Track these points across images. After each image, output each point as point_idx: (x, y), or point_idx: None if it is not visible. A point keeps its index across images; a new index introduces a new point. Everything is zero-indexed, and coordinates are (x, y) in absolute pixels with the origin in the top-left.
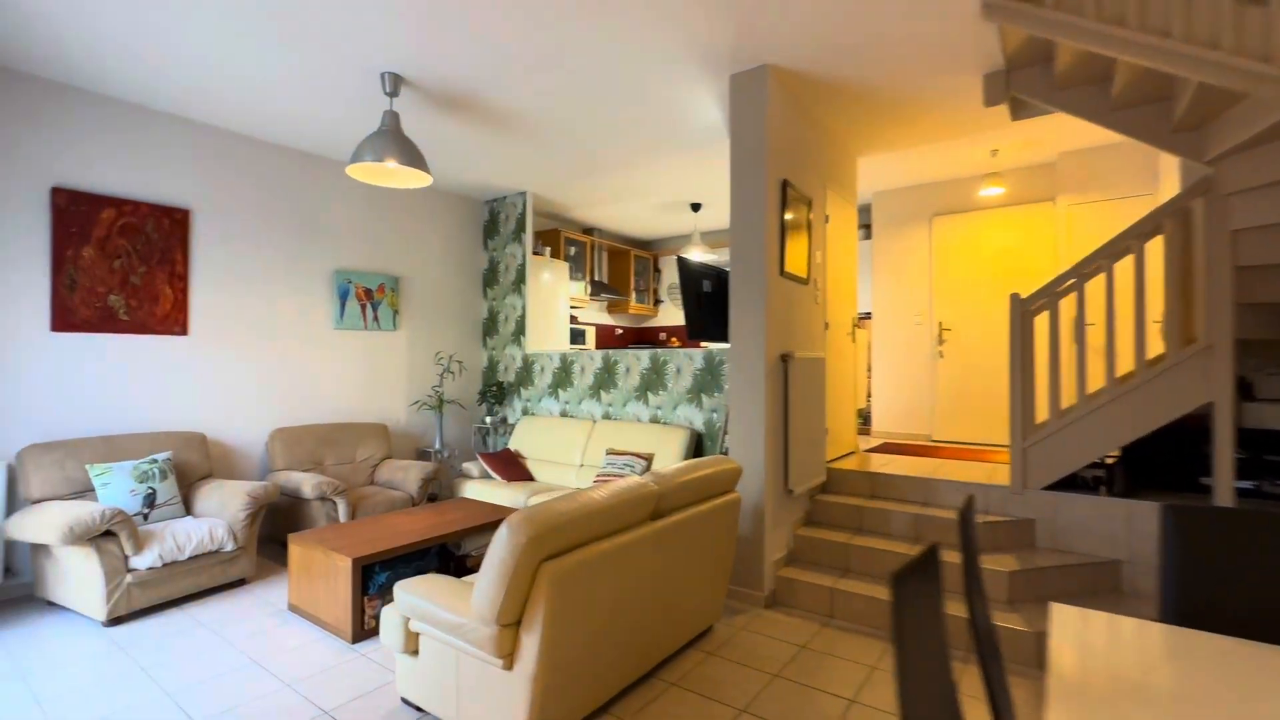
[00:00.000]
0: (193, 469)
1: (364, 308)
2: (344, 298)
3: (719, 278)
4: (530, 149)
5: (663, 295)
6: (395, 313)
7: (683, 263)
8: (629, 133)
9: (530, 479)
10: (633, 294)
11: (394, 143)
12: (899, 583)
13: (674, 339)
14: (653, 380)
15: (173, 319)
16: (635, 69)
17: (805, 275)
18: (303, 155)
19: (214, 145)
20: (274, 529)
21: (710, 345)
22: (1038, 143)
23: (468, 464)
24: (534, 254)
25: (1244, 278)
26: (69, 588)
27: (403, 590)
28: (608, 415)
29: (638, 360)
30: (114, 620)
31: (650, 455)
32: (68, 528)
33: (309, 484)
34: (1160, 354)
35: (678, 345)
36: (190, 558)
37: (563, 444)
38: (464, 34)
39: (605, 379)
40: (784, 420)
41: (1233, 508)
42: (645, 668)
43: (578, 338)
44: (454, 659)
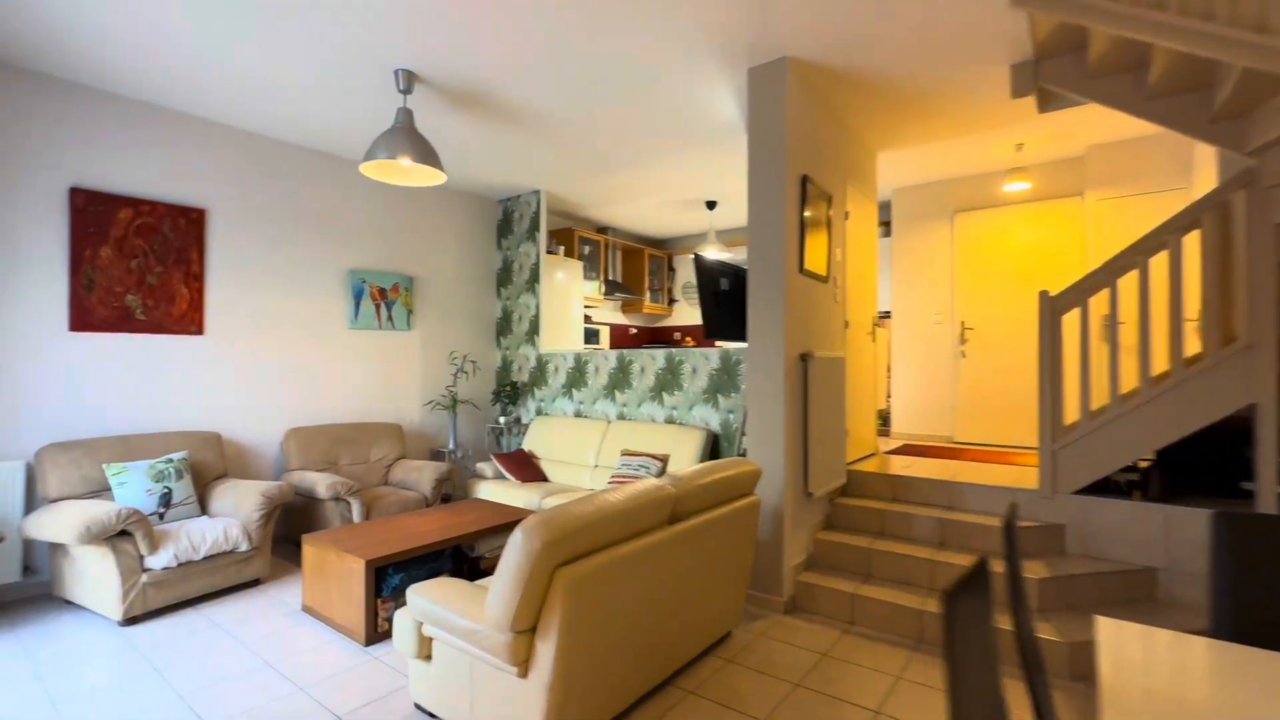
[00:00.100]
0: (208, 468)
1: (378, 307)
2: (358, 297)
3: (736, 276)
4: (544, 146)
5: (677, 295)
6: (409, 312)
7: (699, 261)
8: (645, 129)
9: (544, 480)
10: (647, 293)
11: (408, 140)
12: (951, 599)
13: (688, 339)
14: (668, 380)
15: (189, 319)
16: (652, 64)
17: (825, 273)
18: (317, 155)
19: (229, 145)
20: (289, 529)
21: (727, 345)
22: (1065, 136)
23: (481, 464)
24: (548, 253)
25: None
26: (85, 587)
27: (415, 594)
28: (622, 415)
29: (653, 360)
30: (129, 620)
31: (666, 456)
32: (84, 527)
33: (323, 484)
34: (1197, 353)
35: (692, 345)
36: (205, 558)
37: (577, 444)
38: (477, 30)
39: (620, 379)
40: (803, 421)
41: None
42: (662, 675)
43: (592, 337)
44: (468, 665)
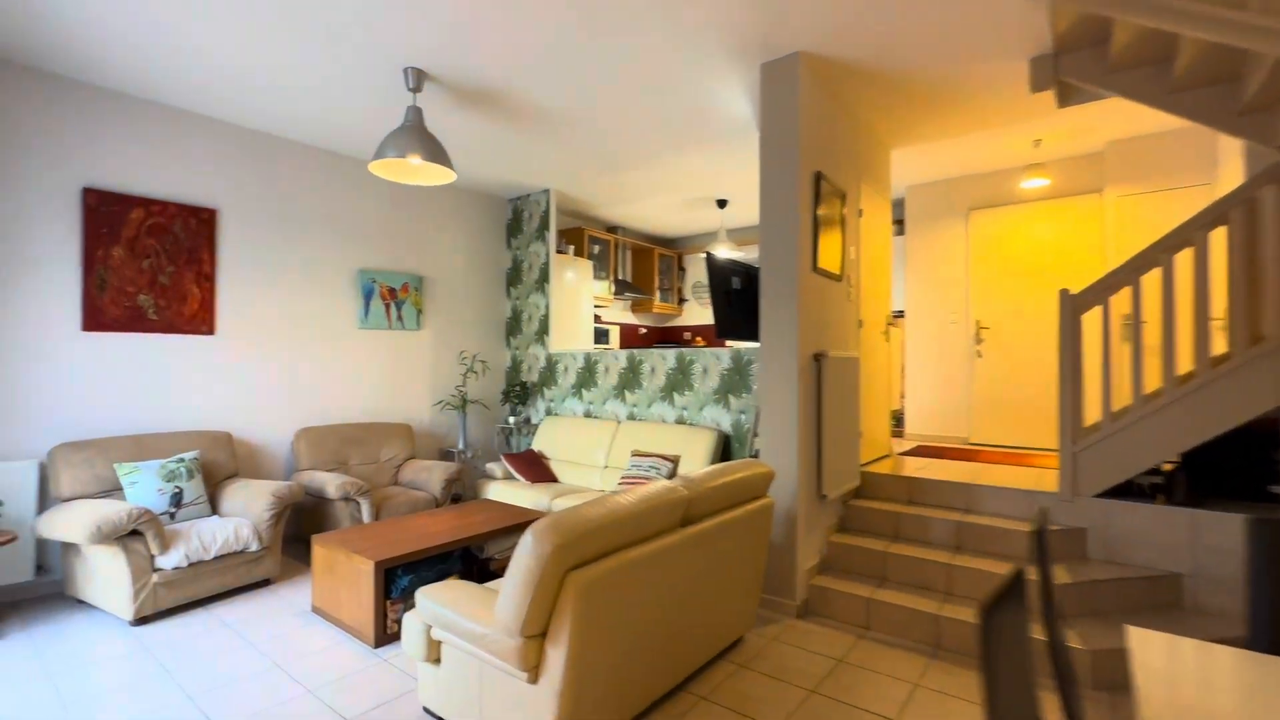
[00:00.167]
0: (219, 468)
1: (388, 307)
2: (368, 297)
3: (748, 275)
4: (554, 144)
5: (687, 294)
6: (419, 312)
7: (711, 259)
8: (655, 127)
9: (554, 480)
10: (657, 293)
11: (417, 138)
12: (989, 613)
13: (699, 338)
14: (679, 380)
15: (200, 318)
16: (662, 60)
17: (839, 272)
18: (327, 154)
19: (240, 145)
20: (299, 529)
21: (738, 344)
22: (1084, 131)
23: (491, 464)
24: (557, 252)
25: None
26: (97, 587)
27: (424, 597)
28: (632, 416)
29: (663, 360)
30: (140, 620)
31: (676, 457)
32: (95, 527)
33: (333, 484)
34: (1223, 353)
35: (703, 345)
36: (216, 557)
37: (587, 445)
38: (486, 28)
39: (630, 379)
40: (817, 422)
41: None
42: (674, 681)
43: (601, 337)
44: (477, 670)
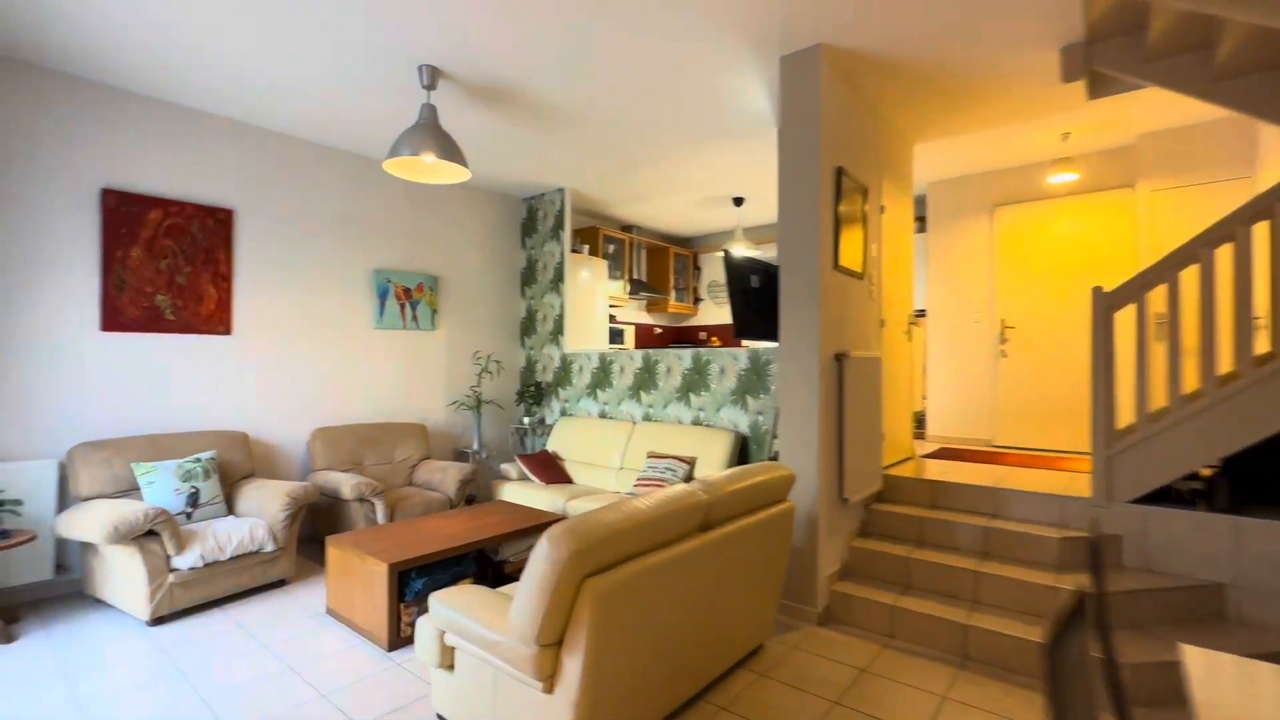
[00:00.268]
0: (235, 468)
1: (403, 307)
2: (383, 297)
3: (767, 273)
4: (569, 142)
5: (703, 294)
6: (434, 312)
7: (729, 258)
8: (671, 123)
9: (569, 481)
10: (672, 292)
11: (431, 136)
12: (1054, 645)
13: (714, 338)
14: (695, 381)
15: (216, 319)
16: (679, 54)
17: (860, 269)
18: (343, 154)
19: (256, 145)
20: (314, 529)
21: (755, 344)
22: (1115, 124)
23: (505, 465)
24: (572, 252)
25: None
26: (114, 586)
27: (438, 602)
28: (648, 416)
29: (679, 360)
30: (157, 620)
31: (693, 459)
32: (112, 527)
33: (348, 485)
34: (1268, 352)
35: (719, 344)
36: (231, 558)
37: (602, 446)
38: (503, 24)
39: (645, 379)
40: (838, 424)
41: None
42: (692, 690)
43: (616, 337)
44: (491, 678)
